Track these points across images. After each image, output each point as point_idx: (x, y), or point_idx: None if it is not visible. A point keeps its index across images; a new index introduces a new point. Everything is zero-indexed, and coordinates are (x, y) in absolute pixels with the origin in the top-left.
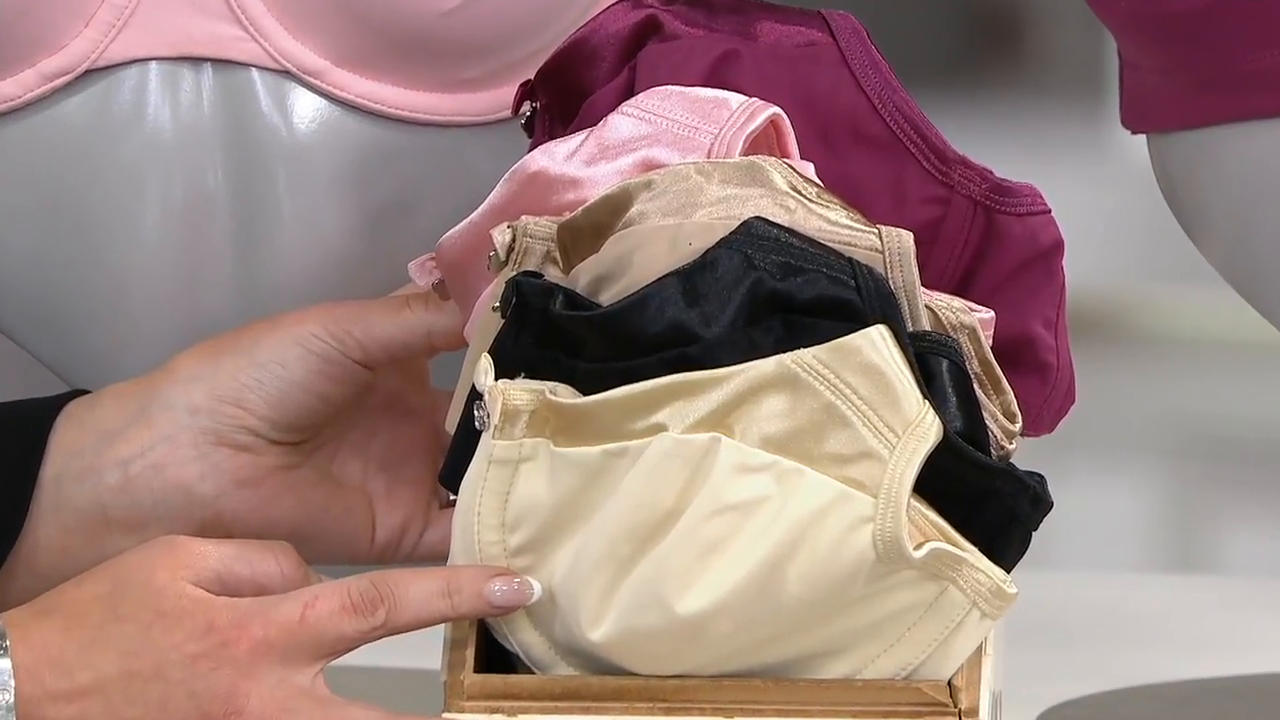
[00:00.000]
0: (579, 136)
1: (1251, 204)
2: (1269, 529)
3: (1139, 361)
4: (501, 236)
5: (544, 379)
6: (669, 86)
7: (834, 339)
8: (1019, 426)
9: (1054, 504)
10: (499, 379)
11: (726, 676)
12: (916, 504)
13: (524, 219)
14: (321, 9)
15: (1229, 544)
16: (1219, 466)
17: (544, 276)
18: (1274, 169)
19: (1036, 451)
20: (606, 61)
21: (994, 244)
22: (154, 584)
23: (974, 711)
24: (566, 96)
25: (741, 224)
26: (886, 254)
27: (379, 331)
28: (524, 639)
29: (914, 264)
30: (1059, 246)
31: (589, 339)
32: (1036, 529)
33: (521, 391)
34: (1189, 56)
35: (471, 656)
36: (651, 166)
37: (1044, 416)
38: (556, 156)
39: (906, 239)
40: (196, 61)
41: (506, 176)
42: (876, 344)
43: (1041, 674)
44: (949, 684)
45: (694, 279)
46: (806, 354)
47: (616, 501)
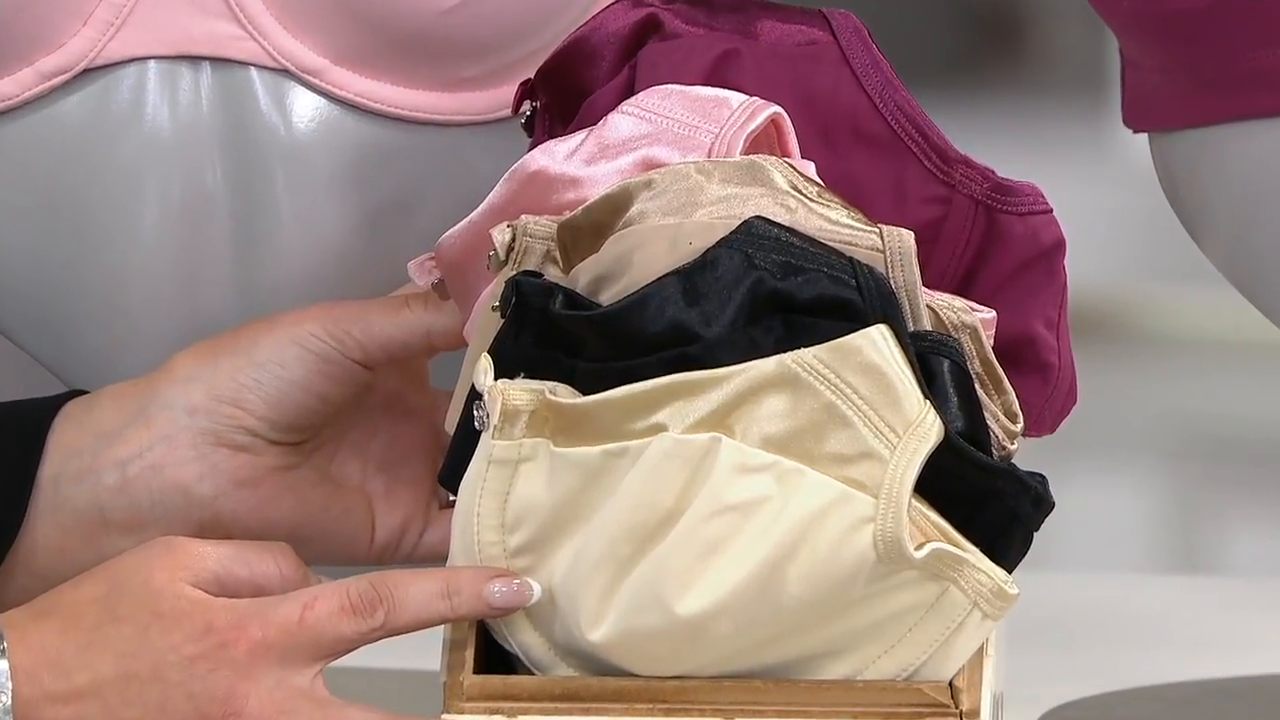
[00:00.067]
0: (579, 136)
1: (1253, 203)
2: (1271, 529)
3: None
4: (501, 236)
5: (544, 379)
6: (669, 85)
7: (835, 339)
8: (1020, 426)
9: (1055, 504)
10: (498, 379)
11: (727, 677)
12: (917, 504)
13: (524, 218)
14: (320, 8)
15: (1231, 544)
16: (1221, 467)
17: (544, 276)
18: (1276, 168)
19: (1038, 452)
20: (606, 60)
21: (995, 243)
22: (152, 585)
23: (975, 713)
24: (566, 95)
25: (742, 223)
26: (887, 253)
27: (378, 331)
28: (523, 640)
29: (915, 263)
30: (1061, 246)
31: (589, 339)
32: (1038, 529)
33: (521, 391)
34: (1190, 55)
35: (471, 657)
36: (652, 166)
37: (1045, 416)
38: (556, 156)
39: (908, 238)
40: (195, 60)
41: (506, 176)
42: (877, 344)
43: (1043, 675)
44: (950, 685)
45: (694, 278)
46: (807, 354)
47: (616, 502)
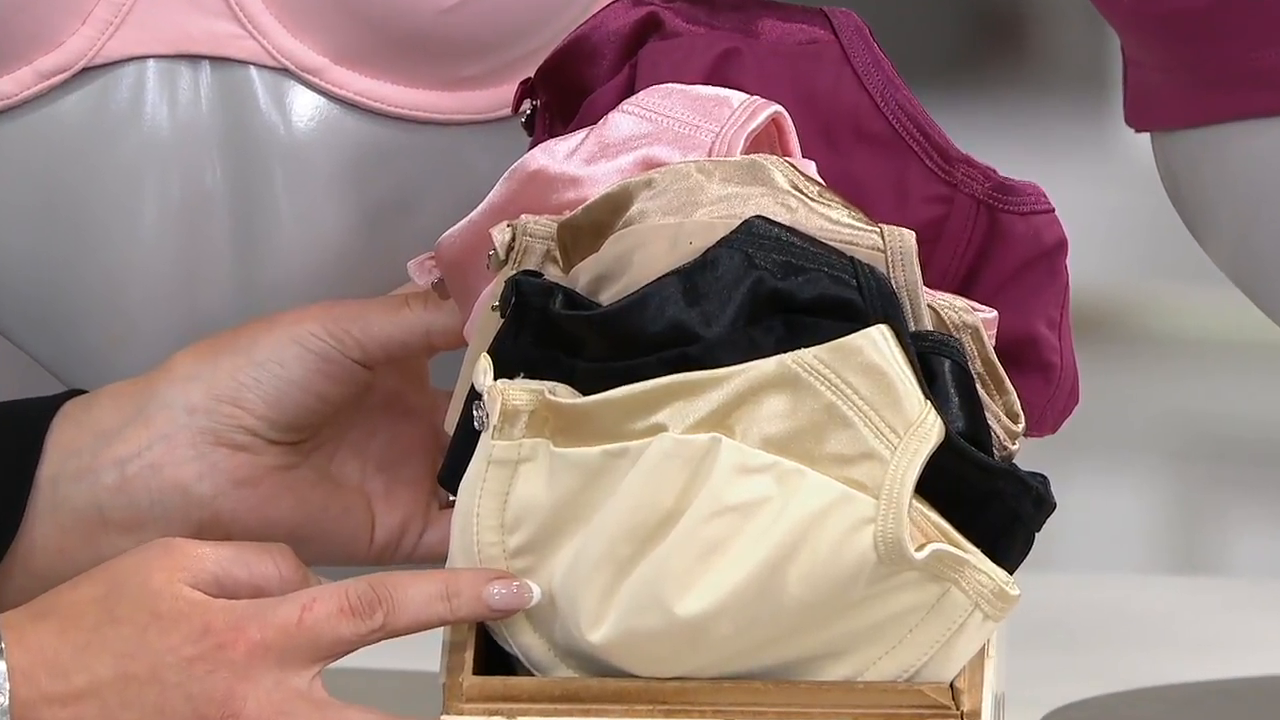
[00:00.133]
0: (579, 135)
1: (1256, 202)
2: (1273, 530)
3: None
4: (501, 235)
5: (543, 379)
6: (670, 84)
7: (835, 339)
8: (1022, 427)
9: (1057, 505)
10: (498, 379)
11: (727, 678)
12: (918, 505)
13: (524, 218)
14: (320, 6)
15: (1233, 545)
16: (1223, 467)
17: (544, 275)
18: (1278, 167)
19: (1039, 452)
20: (607, 59)
21: (997, 243)
22: (150, 586)
23: (976, 714)
24: (566, 94)
25: (742, 223)
26: (889, 253)
27: (377, 330)
28: (523, 641)
29: (916, 263)
30: (1062, 245)
31: (589, 338)
32: (1039, 530)
33: (521, 391)
34: (1192, 54)
35: (470, 659)
36: (652, 165)
37: (1047, 417)
38: (556, 155)
39: (909, 238)
40: (194, 59)
41: (506, 175)
42: (878, 344)
43: (1045, 676)
44: (951, 686)
45: (694, 278)
46: (807, 354)
47: (616, 502)
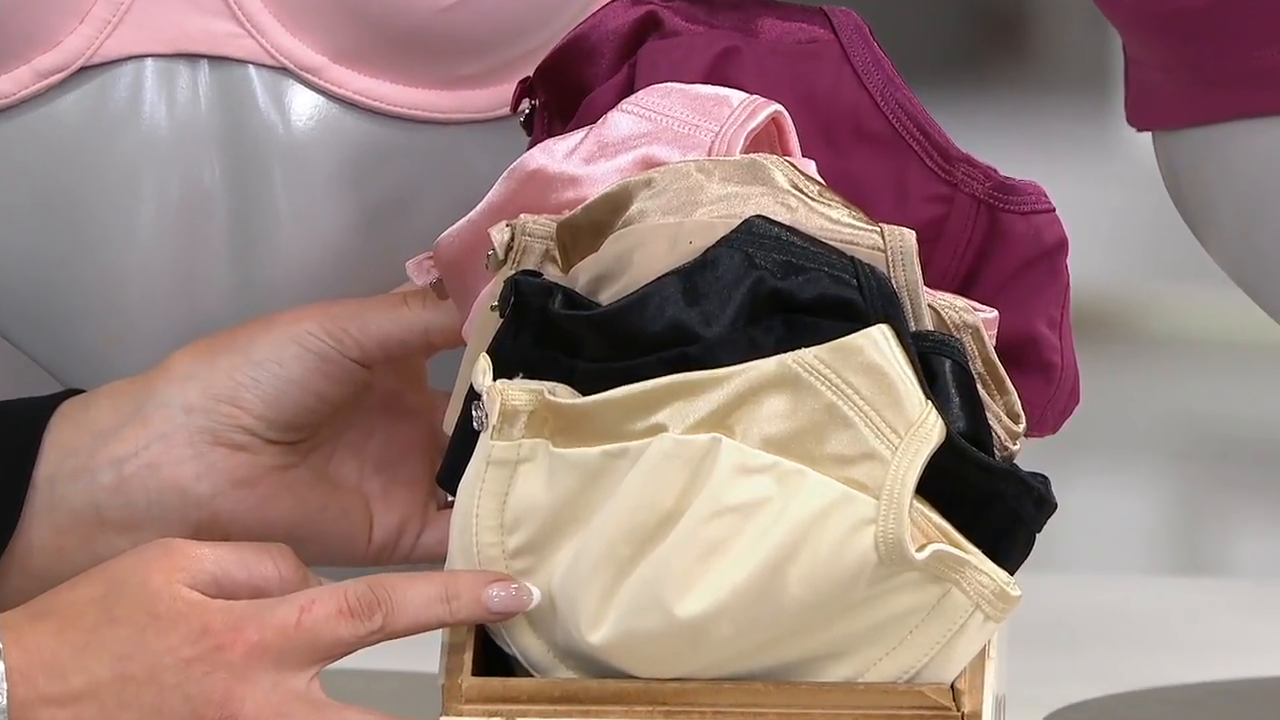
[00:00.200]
0: (578, 134)
1: (1258, 202)
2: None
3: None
4: (500, 235)
5: (543, 379)
6: (669, 84)
7: (836, 339)
8: (1023, 427)
9: (1058, 505)
10: (497, 379)
11: (727, 679)
12: (919, 505)
13: (523, 217)
14: (319, 5)
15: (1236, 546)
16: (1225, 468)
17: (543, 275)
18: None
19: (1041, 452)
20: (606, 58)
21: (998, 242)
22: (149, 587)
23: (977, 715)
24: (565, 93)
25: (742, 222)
26: (889, 253)
27: (376, 329)
28: (522, 642)
29: (916, 263)
30: (1063, 245)
31: (588, 338)
32: (1040, 531)
33: (520, 392)
34: (1192, 53)
35: (469, 660)
36: (651, 164)
37: (1048, 417)
38: (555, 154)
39: (909, 237)
40: (193, 58)
41: (505, 174)
42: (879, 344)
43: (1046, 677)
44: (952, 687)
45: (694, 278)
46: (808, 354)
47: (616, 503)
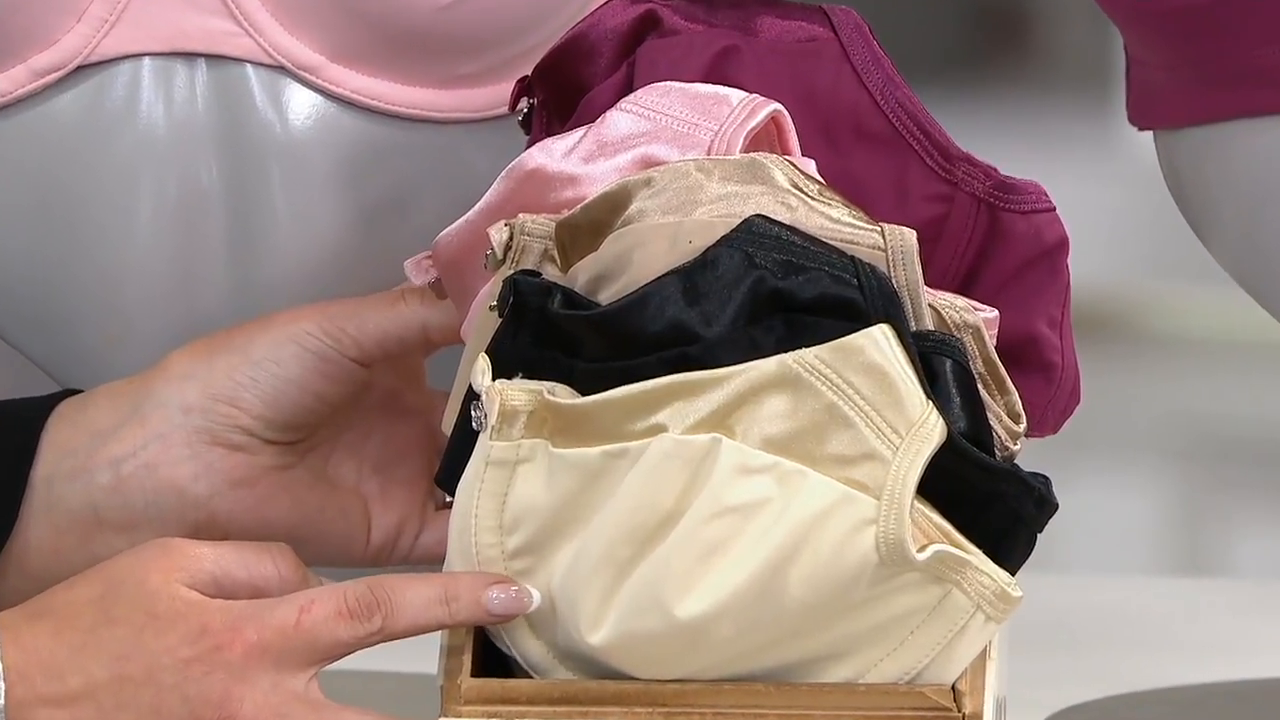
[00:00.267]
0: (577, 133)
1: (1260, 201)
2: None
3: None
4: (499, 235)
5: (542, 379)
6: (668, 82)
7: (836, 338)
8: (1024, 427)
9: (1059, 506)
10: (496, 379)
11: (727, 680)
12: (920, 506)
13: (521, 217)
14: (317, 4)
15: (1237, 547)
16: (1227, 468)
17: (542, 275)
18: None
19: (1042, 453)
20: (605, 57)
21: (998, 242)
22: (147, 586)
23: (978, 716)
24: (564, 92)
25: (742, 222)
26: (889, 252)
27: (374, 327)
28: (522, 643)
29: (917, 262)
30: (1064, 244)
31: (588, 338)
32: (1041, 531)
33: (519, 392)
34: (1194, 52)
35: (468, 661)
36: (651, 163)
37: (1049, 417)
38: (554, 153)
39: (909, 237)
40: (190, 57)
41: (504, 174)
42: (879, 343)
43: (1047, 678)
44: (953, 688)
45: (694, 277)
46: (808, 354)
47: (616, 503)
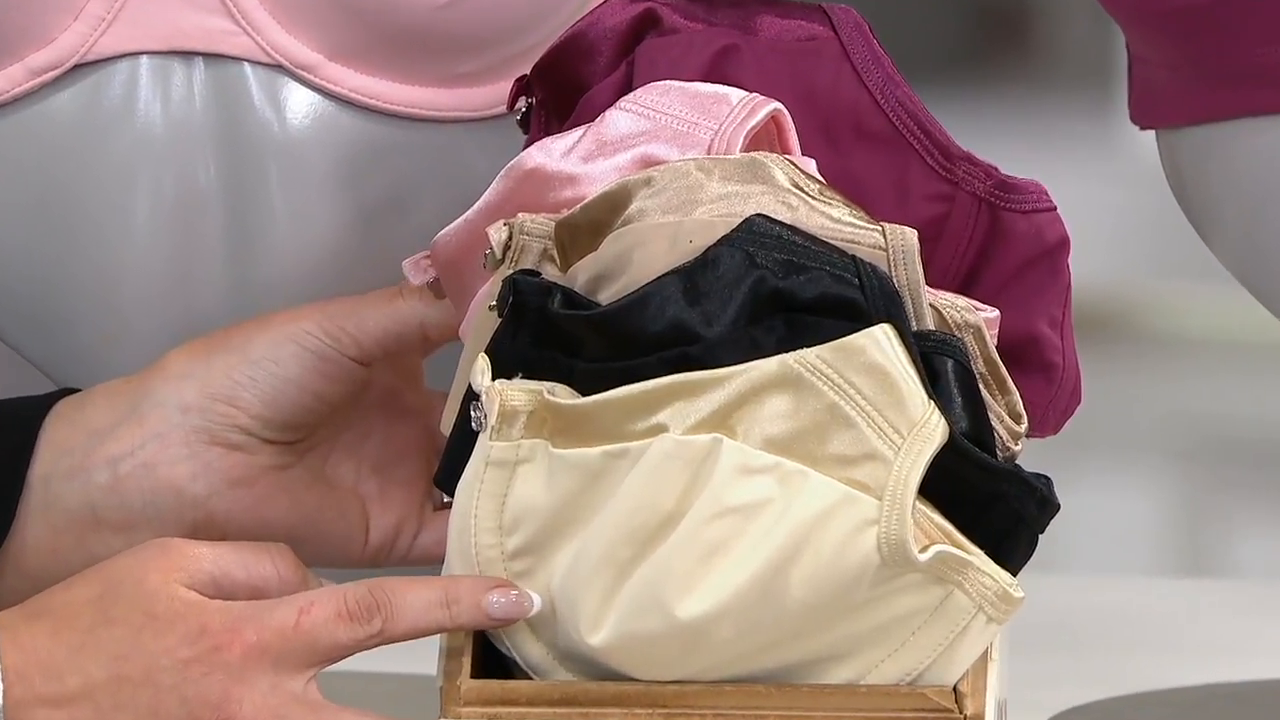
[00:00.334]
0: (576, 132)
1: (1262, 200)
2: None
3: (1147, 361)
4: (498, 234)
5: (542, 379)
6: (668, 81)
7: (837, 338)
8: (1025, 427)
9: (1061, 506)
10: (496, 379)
11: (727, 681)
12: (921, 506)
13: (521, 216)
14: (315, 3)
15: (1239, 547)
16: (1229, 468)
17: (541, 275)
18: None
19: (1043, 453)
20: (604, 56)
21: (999, 241)
22: (146, 587)
23: (980, 718)
24: (563, 91)
25: (743, 221)
26: (890, 252)
27: (372, 325)
28: (521, 644)
29: (918, 262)
30: (1065, 244)
31: (588, 338)
32: (1043, 532)
33: (519, 392)
34: (1196, 51)
35: (468, 662)
36: (650, 163)
37: (1049, 417)
38: (553, 153)
39: (911, 236)
40: (188, 56)
41: (503, 173)
42: (881, 343)
43: (1048, 679)
44: (954, 689)
45: (695, 277)
46: (809, 354)
47: (616, 504)
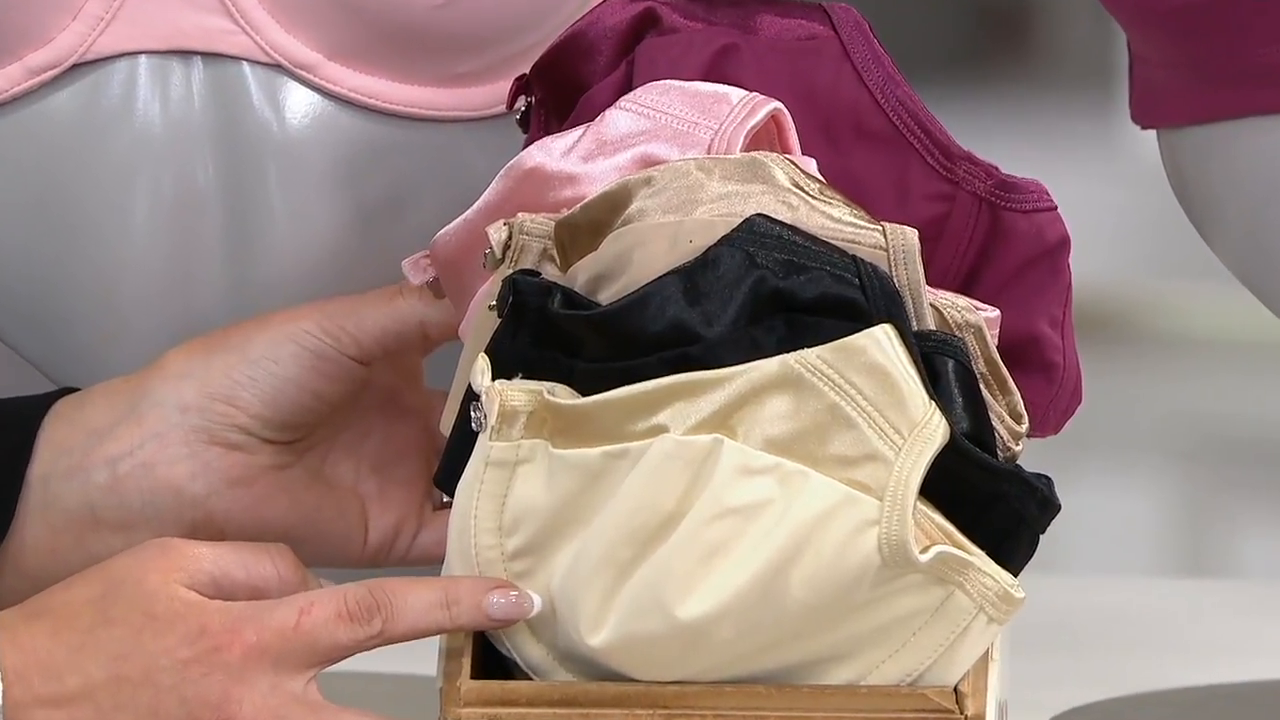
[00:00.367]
0: (576, 132)
1: (1263, 200)
2: None
3: (1148, 361)
4: (497, 234)
5: (542, 379)
6: (668, 81)
7: (838, 338)
8: (1026, 427)
9: (1062, 506)
10: (496, 379)
11: (728, 682)
12: (922, 507)
13: (520, 216)
14: (314, 2)
15: (1241, 547)
16: (1231, 468)
17: (541, 275)
18: None
19: (1044, 453)
20: (604, 55)
21: (999, 241)
22: (146, 587)
23: (980, 718)
24: (563, 91)
25: (743, 221)
26: (891, 251)
27: (371, 324)
28: (521, 645)
29: (919, 262)
30: (1065, 243)
31: (588, 338)
32: (1044, 532)
33: (519, 392)
34: (1197, 50)
35: (468, 663)
36: (650, 162)
37: (1050, 417)
38: (553, 152)
39: (911, 236)
40: (186, 55)
41: (502, 172)
42: (882, 343)
43: (1049, 680)
44: (955, 690)
45: (695, 277)
46: (810, 354)
47: (616, 504)
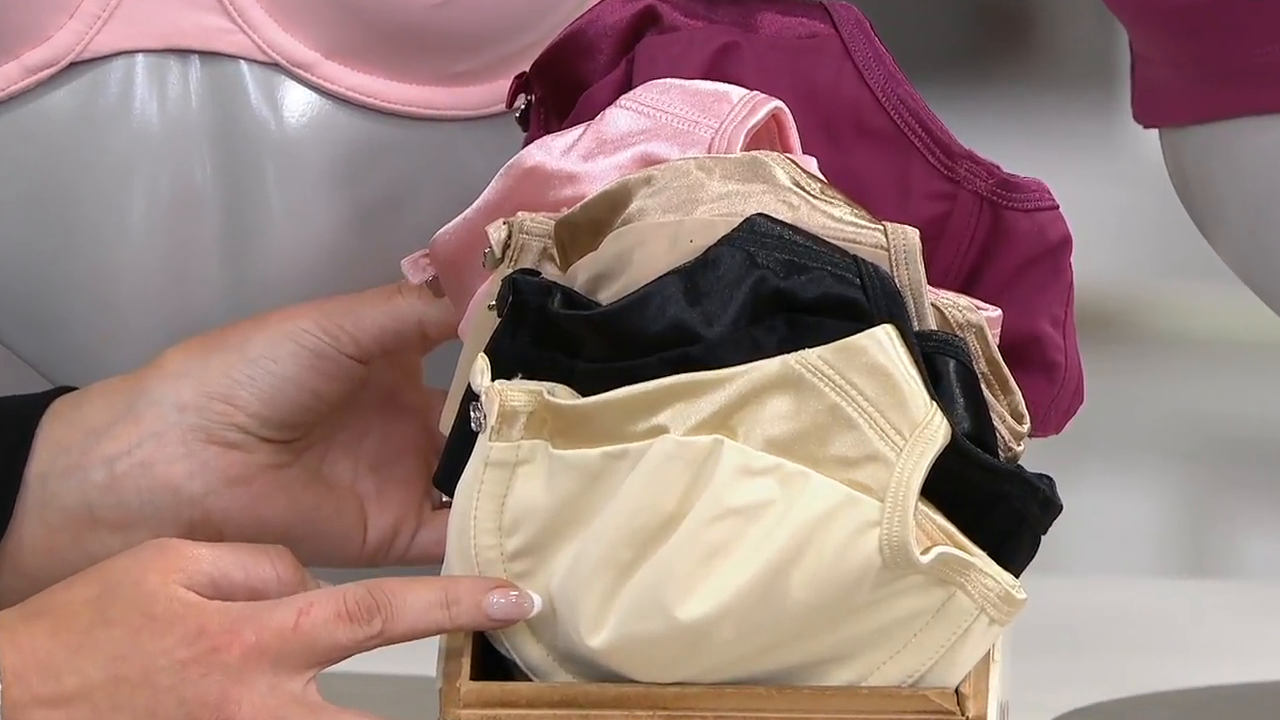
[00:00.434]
0: (576, 131)
1: (1265, 199)
2: None
3: (1150, 361)
4: (497, 233)
5: (542, 379)
6: (668, 79)
7: (839, 339)
8: (1027, 427)
9: (1063, 507)
10: (495, 379)
11: (728, 683)
12: (923, 507)
13: (520, 215)
14: (312, 1)
15: (1243, 548)
16: (1233, 469)
17: (541, 274)
18: None
19: (1045, 453)
20: (604, 54)
21: (1001, 240)
22: (144, 587)
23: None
24: (562, 89)
25: (744, 221)
26: (892, 251)
27: (370, 323)
28: (521, 646)
29: (920, 261)
30: (1067, 243)
31: (588, 338)
32: (1045, 532)
33: (519, 392)
34: (1199, 49)
35: (468, 664)
36: (650, 161)
37: (1052, 417)
38: (553, 151)
39: (912, 236)
40: (184, 54)
41: (502, 171)
42: (883, 344)
43: (1050, 681)
44: (956, 691)
45: (695, 277)
46: (811, 354)
47: (616, 505)
